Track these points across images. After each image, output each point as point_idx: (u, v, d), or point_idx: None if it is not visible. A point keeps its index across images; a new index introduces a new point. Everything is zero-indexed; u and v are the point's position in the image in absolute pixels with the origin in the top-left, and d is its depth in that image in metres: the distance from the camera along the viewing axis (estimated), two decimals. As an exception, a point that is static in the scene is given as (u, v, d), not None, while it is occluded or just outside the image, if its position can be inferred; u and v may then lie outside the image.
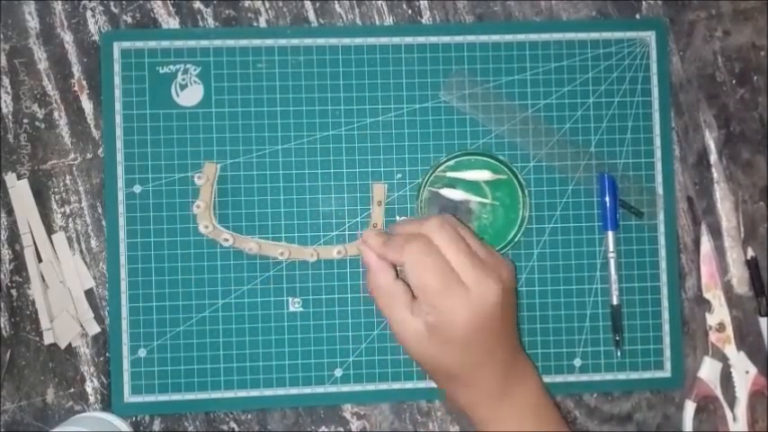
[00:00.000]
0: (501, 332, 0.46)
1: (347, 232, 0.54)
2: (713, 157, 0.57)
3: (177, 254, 0.53)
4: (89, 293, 0.53)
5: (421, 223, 0.47)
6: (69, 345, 0.53)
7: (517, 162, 0.54)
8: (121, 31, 0.54)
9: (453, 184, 0.54)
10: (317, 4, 0.55)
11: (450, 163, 0.53)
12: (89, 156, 0.54)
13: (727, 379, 0.55)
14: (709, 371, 0.55)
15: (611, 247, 0.54)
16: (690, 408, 0.54)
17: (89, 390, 0.53)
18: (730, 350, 0.55)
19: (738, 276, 0.56)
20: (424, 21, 0.56)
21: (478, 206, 0.54)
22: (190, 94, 0.54)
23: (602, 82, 0.56)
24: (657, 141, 0.56)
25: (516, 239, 0.53)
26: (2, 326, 0.53)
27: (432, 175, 0.53)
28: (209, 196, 0.52)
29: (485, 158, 0.53)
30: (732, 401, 0.54)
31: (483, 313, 0.44)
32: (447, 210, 0.53)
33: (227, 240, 0.51)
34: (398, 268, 0.48)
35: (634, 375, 0.55)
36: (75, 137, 0.54)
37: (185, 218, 0.53)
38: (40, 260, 0.53)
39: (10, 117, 0.54)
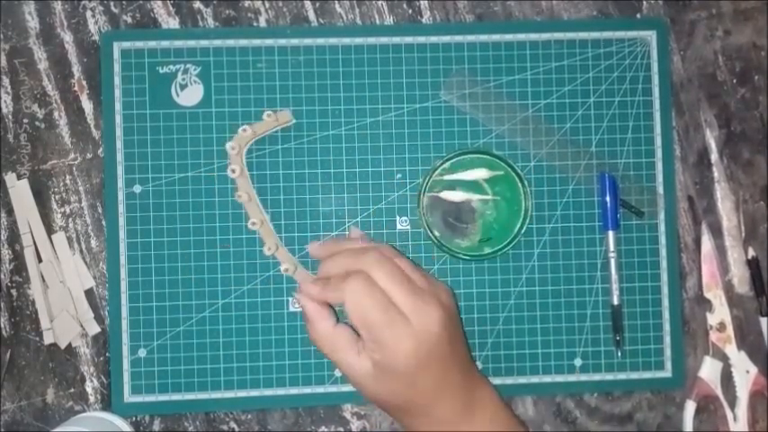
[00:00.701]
0: (451, 358, 0.45)
1: (347, 232, 0.54)
2: (714, 157, 0.56)
3: (177, 254, 0.53)
4: (89, 293, 0.53)
5: (357, 257, 0.46)
6: (69, 345, 0.53)
7: (518, 162, 0.54)
8: (121, 31, 0.54)
9: (452, 185, 0.53)
10: (317, 4, 0.55)
11: (446, 165, 0.53)
12: (89, 156, 0.54)
13: (727, 379, 0.55)
14: (709, 370, 0.55)
15: (611, 247, 0.54)
16: (690, 408, 0.54)
17: (89, 390, 0.53)
18: (731, 350, 0.55)
19: (739, 276, 0.56)
20: (424, 20, 0.56)
21: (481, 204, 0.54)
22: (190, 94, 0.54)
23: (602, 81, 0.56)
24: (658, 141, 0.56)
25: (524, 230, 0.52)
26: (2, 326, 0.53)
27: (429, 180, 0.52)
28: (247, 185, 0.52)
29: (480, 156, 0.53)
30: (733, 401, 0.54)
31: (427, 342, 0.44)
32: (450, 213, 0.53)
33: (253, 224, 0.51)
34: (339, 309, 0.48)
35: (634, 375, 0.55)
36: (75, 137, 0.54)
37: (185, 218, 0.53)
38: (40, 260, 0.53)
39: (10, 117, 0.54)
